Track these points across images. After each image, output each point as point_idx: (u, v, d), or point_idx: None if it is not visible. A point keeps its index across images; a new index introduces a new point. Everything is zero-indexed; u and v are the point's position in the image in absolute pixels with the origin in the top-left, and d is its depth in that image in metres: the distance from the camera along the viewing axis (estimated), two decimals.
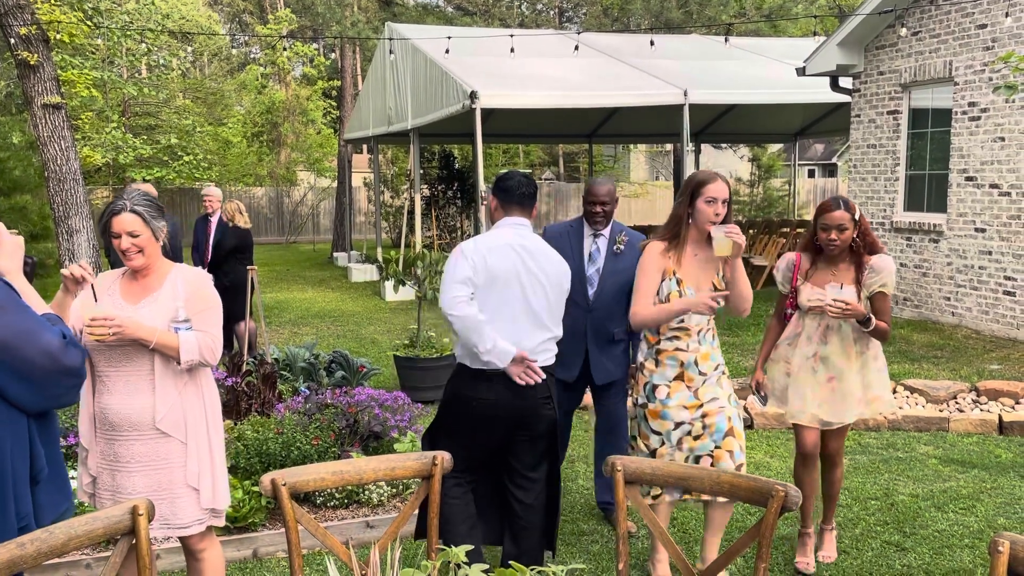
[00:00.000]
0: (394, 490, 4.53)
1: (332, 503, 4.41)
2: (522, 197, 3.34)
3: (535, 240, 3.34)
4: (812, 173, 41.55)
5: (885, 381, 3.78)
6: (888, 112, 10.30)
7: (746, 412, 6.10)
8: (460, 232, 18.33)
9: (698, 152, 20.29)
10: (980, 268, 9.14)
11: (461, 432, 3.31)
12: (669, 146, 30.61)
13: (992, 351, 8.25)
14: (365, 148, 25.48)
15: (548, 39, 14.98)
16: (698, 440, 3.46)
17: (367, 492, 4.44)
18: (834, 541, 3.99)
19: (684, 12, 21.63)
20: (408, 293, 11.95)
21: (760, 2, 21.79)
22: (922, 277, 9.91)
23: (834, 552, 3.96)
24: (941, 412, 6.10)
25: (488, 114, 13.88)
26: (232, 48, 33.82)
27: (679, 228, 3.49)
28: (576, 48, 12.06)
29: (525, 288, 3.24)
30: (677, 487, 3.34)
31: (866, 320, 3.55)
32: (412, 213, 14.14)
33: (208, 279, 3.02)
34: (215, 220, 8.08)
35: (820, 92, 11.67)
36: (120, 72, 21.82)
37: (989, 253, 9.02)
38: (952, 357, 8.02)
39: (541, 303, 3.28)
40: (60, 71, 15.15)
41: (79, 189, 9.65)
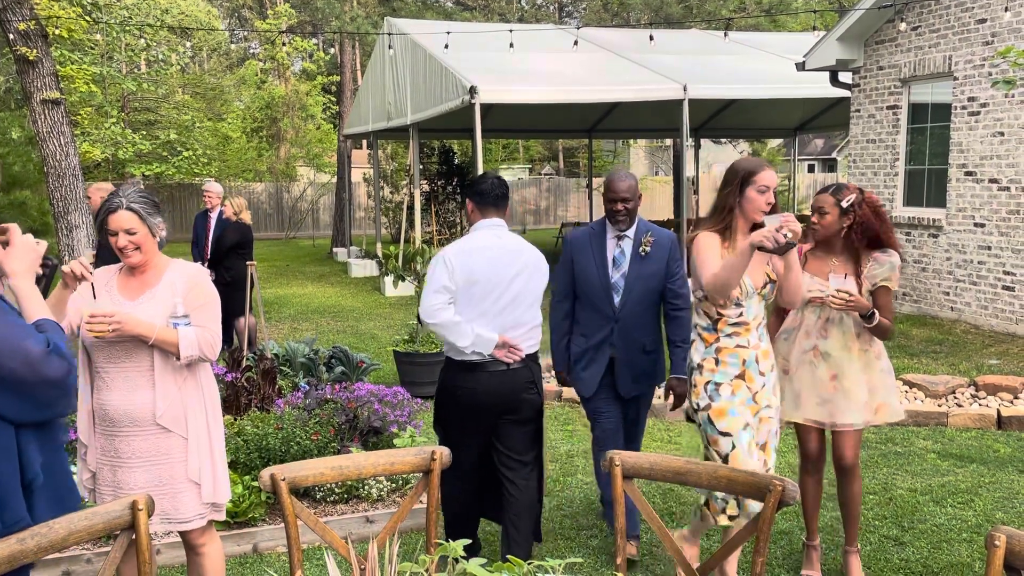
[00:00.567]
0: (393, 485, 4.54)
1: (332, 498, 4.42)
2: (496, 199, 3.54)
3: (511, 238, 3.56)
4: (812, 168, 41.54)
5: (891, 385, 3.58)
6: (888, 107, 10.29)
7: None
8: (460, 227, 18.32)
9: (698, 147, 20.29)
10: (979, 263, 9.14)
11: (452, 420, 3.58)
12: (669, 141, 30.59)
13: (991, 346, 8.26)
14: (364, 143, 25.43)
15: (547, 34, 14.96)
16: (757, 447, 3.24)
17: (367, 487, 4.45)
18: (859, 564, 3.66)
19: (684, 7, 21.61)
20: (408, 288, 11.94)
21: None
22: (921, 272, 9.91)
23: None
24: (940, 407, 6.11)
25: (487, 109, 13.87)
26: (231, 43, 33.77)
27: (729, 219, 3.26)
28: (575, 43, 12.04)
29: (503, 285, 3.47)
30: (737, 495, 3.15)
31: (869, 315, 3.40)
32: (412, 208, 14.14)
33: (206, 274, 3.03)
34: (215, 216, 8.07)
35: (820, 87, 11.66)
36: (119, 67, 21.80)
37: (988, 248, 9.02)
38: (951, 352, 8.03)
39: (520, 296, 3.51)
40: (59, 67, 15.11)
41: (78, 185, 9.65)
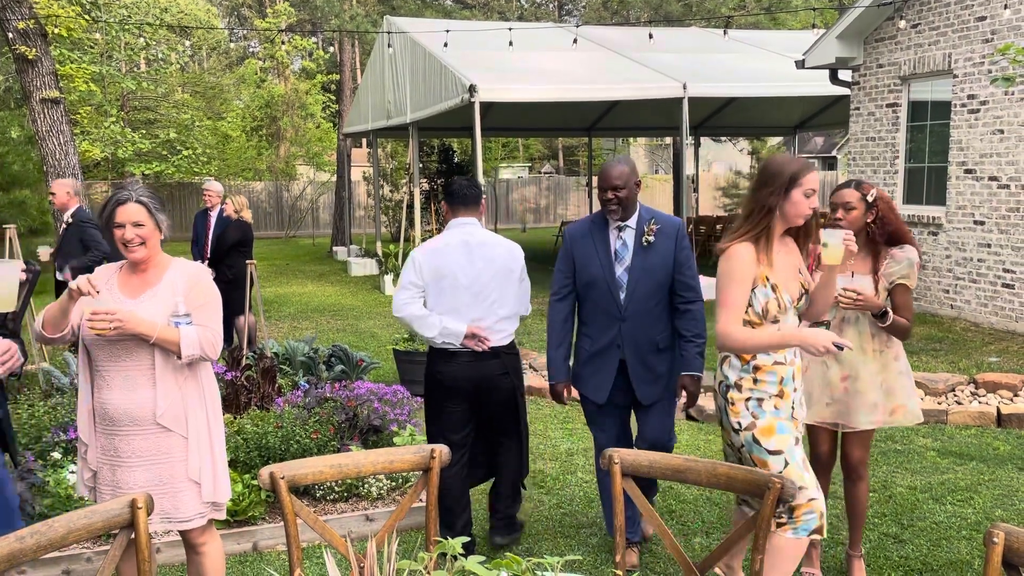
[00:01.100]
0: (393, 483, 4.54)
1: (332, 496, 4.42)
2: (464, 198, 3.81)
3: (480, 235, 3.78)
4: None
5: (909, 387, 3.47)
6: (887, 105, 10.29)
7: None
8: None
9: (697, 145, 20.29)
10: (979, 261, 9.14)
11: (437, 404, 3.85)
12: (668, 140, 30.59)
13: (991, 343, 8.26)
14: (364, 142, 25.43)
15: (547, 32, 14.95)
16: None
17: (366, 485, 4.45)
18: (863, 569, 3.61)
19: (683, 5, 21.60)
20: None
21: None
22: (921, 270, 9.92)
23: None
24: (939, 404, 6.12)
25: (487, 108, 13.87)
26: (231, 42, 33.74)
27: (767, 222, 2.94)
28: (575, 41, 12.05)
29: (470, 280, 3.71)
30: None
31: (882, 313, 3.29)
32: (411, 207, 14.13)
33: (207, 273, 3.03)
34: (215, 214, 8.08)
35: (819, 85, 11.66)
36: (119, 66, 21.78)
37: (988, 246, 9.02)
38: (951, 350, 8.03)
39: (487, 290, 3.73)
40: (58, 66, 15.10)
41: (78, 184, 9.65)
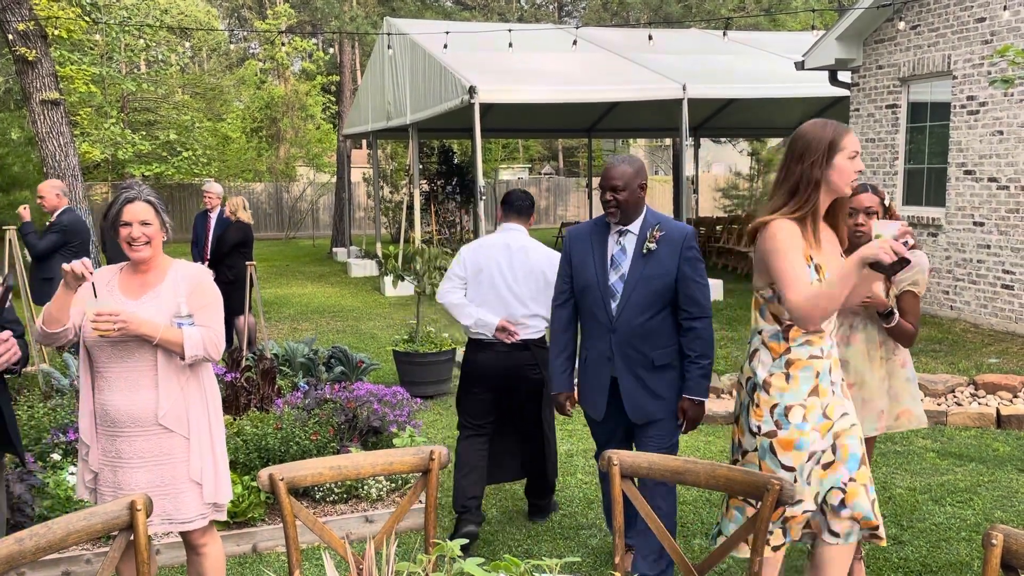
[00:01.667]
0: (393, 485, 4.54)
1: (331, 498, 4.42)
2: (517, 208, 4.23)
3: (519, 239, 4.14)
4: None
5: (914, 393, 3.44)
6: (887, 106, 10.29)
7: None
8: (459, 227, 18.33)
9: (697, 146, 20.29)
10: (979, 262, 9.15)
11: (466, 388, 4.20)
12: (668, 141, 30.60)
13: (990, 345, 8.26)
14: (364, 143, 25.44)
15: (547, 34, 14.95)
16: (829, 470, 2.75)
17: (366, 487, 4.46)
18: (863, 571, 3.52)
19: (683, 6, 21.61)
20: (407, 288, 11.95)
21: None
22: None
23: None
24: (939, 405, 6.12)
25: (487, 109, 13.88)
26: (231, 43, 33.75)
27: (813, 198, 2.67)
28: (575, 43, 12.05)
29: (505, 276, 4.08)
30: (804, 531, 2.85)
31: (888, 313, 3.22)
32: (411, 208, 14.14)
33: (209, 274, 3.04)
34: (215, 216, 8.08)
35: (819, 86, 11.66)
36: (119, 68, 21.79)
37: (988, 247, 9.03)
38: (950, 351, 8.03)
39: (520, 287, 4.06)
40: (58, 67, 15.10)
41: (78, 185, 9.66)
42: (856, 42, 10.58)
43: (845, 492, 2.72)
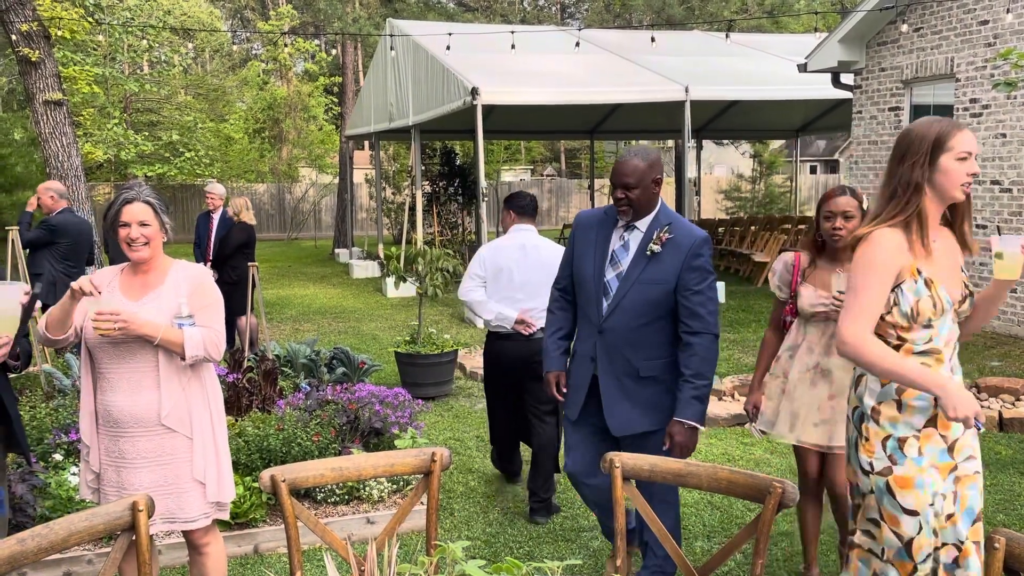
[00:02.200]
0: (395, 486, 4.54)
1: (333, 499, 4.42)
2: (528, 209, 4.62)
3: (532, 239, 4.56)
4: (814, 169, 41.53)
5: None
6: (889, 108, 10.29)
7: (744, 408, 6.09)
8: (462, 228, 18.34)
9: (699, 148, 20.29)
10: (981, 265, 9.14)
11: (491, 375, 4.72)
12: (671, 142, 30.57)
13: (992, 348, 8.25)
14: (367, 144, 25.45)
15: (549, 35, 14.96)
16: (949, 522, 2.37)
17: (368, 488, 4.45)
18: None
19: (685, 8, 21.62)
20: (409, 289, 11.96)
21: None
22: None
23: None
24: None
25: (489, 110, 13.88)
26: (234, 44, 33.80)
27: (916, 202, 2.40)
28: (577, 44, 12.06)
29: (523, 274, 4.47)
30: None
31: None
32: (413, 209, 14.14)
33: (210, 275, 3.05)
34: (217, 217, 8.09)
35: (822, 88, 11.66)
36: (122, 68, 21.83)
37: (990, 249, 9.01)
38: None
39: (535, 283, 4.41)
40: (62, 68, 15.13)
41: (81, 185, 9.68)
42: (859, 44, 10.57)
43: (960, 552, 2.36)
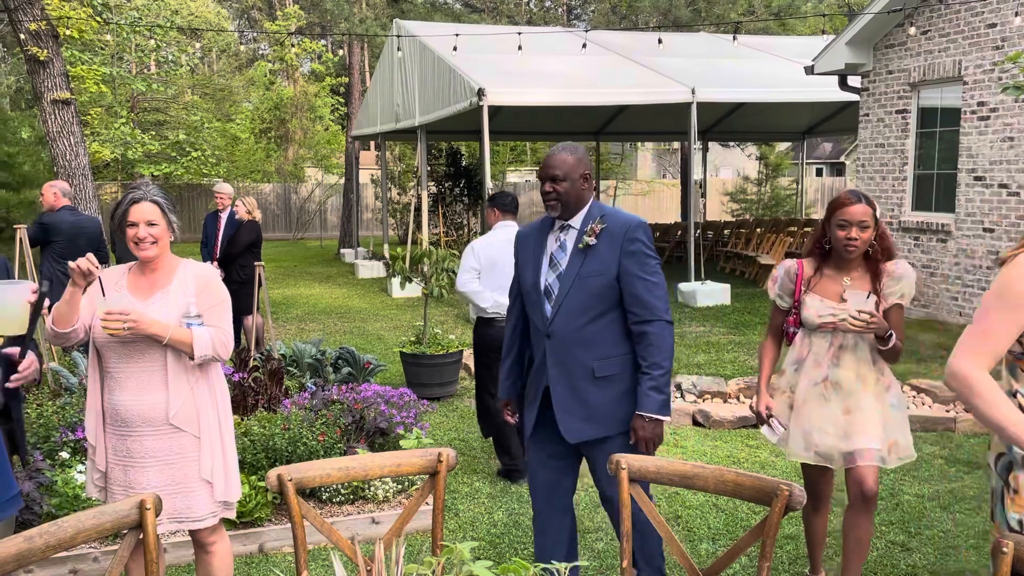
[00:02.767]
0: (399, 487, 4.54)
1: (338, 499, 4.43)
2: (510, 206, 5.14)
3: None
4: (820, 172, 41.47)
5: (903, 421, 3.18)
6: (897, 111, 10.27)
7: (751, 411, 6.08)
8: (467, 228, 18.35)
9: (705, 150, 20.28)
10: (988, 268, 9.11)
11: (483, 358, 5.08)
12: (676, 144, 30.55)
13: None
14: (373, 145, 25.52)
15: (556, 37, 14.96)
16: None
17: (372, 488, 4.46)
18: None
19: (692, 10, 21.59)
20: (414, 290, 11.97)
21: (769, 0, 21.74)
22: (930, 277, 9.88)
23: None
24: (947, 412, 6.09)
25: (495, 111, 13.85)
26: (240, 44, 33.86)
27: None
28: (584, 46, 12.05)
29: (512, 265, 4.66)
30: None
31: (887, 336, 3.01)
32: (419, 210, 14.15)
33: (217, 274, 3.05)
34: (225, 216, 8.11)
35: (828, 91, 11.64)
36: (129, 68, 21.89)
37: (997, 253, 8.98)
38: None
39: None
40: (69, 67, 15.18)
41: (88, 184, 9.70)
42: (866, 47, 10.55)
43: None
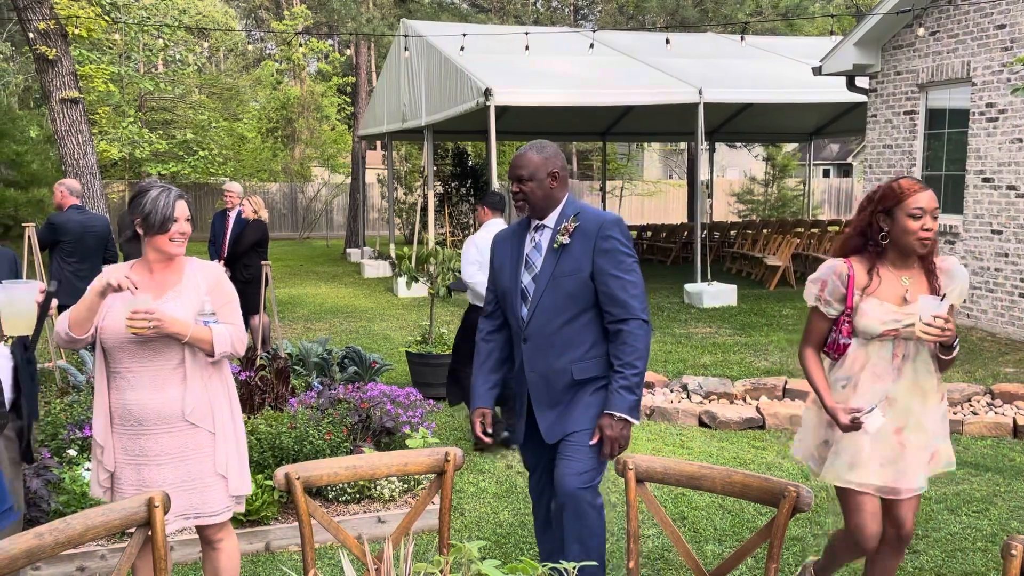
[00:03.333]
0: (405, 486, 4.55)
1: (344, 498, 4.43)
2: (502, 205, 5.57)
3: None
4: (827, 173, 41.36)
5: (946, 428, 2.92)
6: (905, 112, 10.24)
7: (757, 412, 6.08)
8: (473, 229, 18.37)
9: (712, 151, 20.24)
10: (996, 270, 9.08)
11: (464, 333, 5.29)
12: (683, 145, 30.51)
13: (1007, 354, 8.19)
14: (379, 145, 25.53)
15: (563, 37, 14.96)
16: None
17: (379, 487, 4.46)
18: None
19: (700, 10, 21.56)
20: (421, 290, 11.97)
21: (776, 1, 21.69)
22: None
23: None
24: (955, 415, 6.07)
25: (502, 111, 13.88)
26: (248, 44, 33.94)
27: None
28: (591, 46, 12.04)
29: None
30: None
31: (951, 345, 2.70)
32: (425, 210, 14.17)
33: (223, 272, 3.06)
34: (233, 215, 8.13)
35: (836, 92, 11.61)
36: (137, 67, 21.96)
37: (1006, 255, 8.96)
38: (967, 359, 7.97)
39: None
40: (78, 66, 15.23)
41: (96, 183, 9.74)
42: (874, 48, 10.52)
43: None
